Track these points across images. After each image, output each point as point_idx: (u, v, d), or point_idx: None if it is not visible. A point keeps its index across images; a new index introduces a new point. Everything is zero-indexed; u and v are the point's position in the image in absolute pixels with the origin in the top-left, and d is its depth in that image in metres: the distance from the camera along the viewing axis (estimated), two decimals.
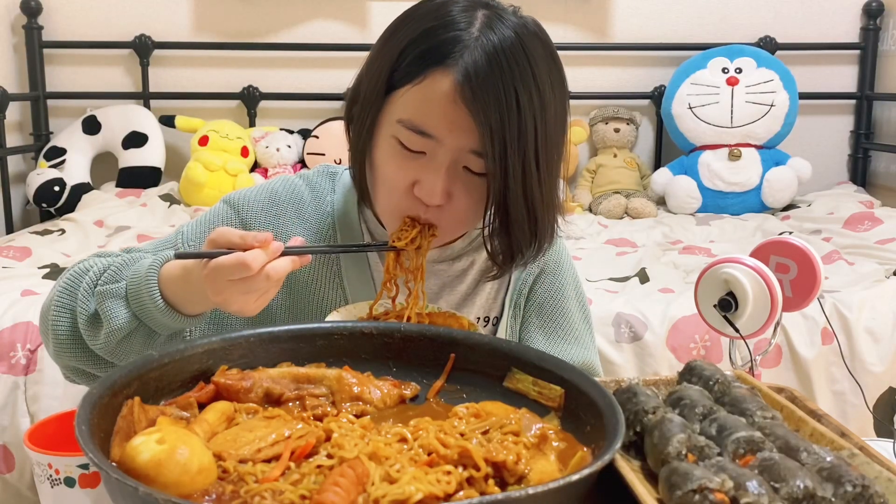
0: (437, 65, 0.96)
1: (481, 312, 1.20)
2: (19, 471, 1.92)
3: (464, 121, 0.96)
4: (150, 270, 0.97)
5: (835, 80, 3.49)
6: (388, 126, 1.01)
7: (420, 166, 1.00)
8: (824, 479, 0.69)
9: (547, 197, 1.02)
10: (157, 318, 0.98)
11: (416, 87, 0.97)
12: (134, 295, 0.98)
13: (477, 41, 0.95)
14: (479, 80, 0.94)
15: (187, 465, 0.65)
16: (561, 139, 1.03)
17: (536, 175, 0.98)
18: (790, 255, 1.11)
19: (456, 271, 1.19)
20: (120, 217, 2.85)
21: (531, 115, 0.96)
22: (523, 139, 0.96)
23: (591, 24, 3.43)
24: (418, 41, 0.98)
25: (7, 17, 3.30)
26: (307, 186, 1.17)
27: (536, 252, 1.07)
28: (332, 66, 3.38)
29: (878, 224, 2.73)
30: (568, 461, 0.73)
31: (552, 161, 1.01)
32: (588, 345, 1.27)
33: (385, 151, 1.02)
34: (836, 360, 2.04)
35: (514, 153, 0.96)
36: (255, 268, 0.87)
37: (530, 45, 0.97)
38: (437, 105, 0.96)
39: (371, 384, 0.85)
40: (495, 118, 0.94)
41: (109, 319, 0.98)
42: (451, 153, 0.99)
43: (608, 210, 3.19)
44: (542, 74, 0.97)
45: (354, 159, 1.08)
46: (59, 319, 1.03)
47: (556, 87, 0.99)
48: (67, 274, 1.05)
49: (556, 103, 0.99)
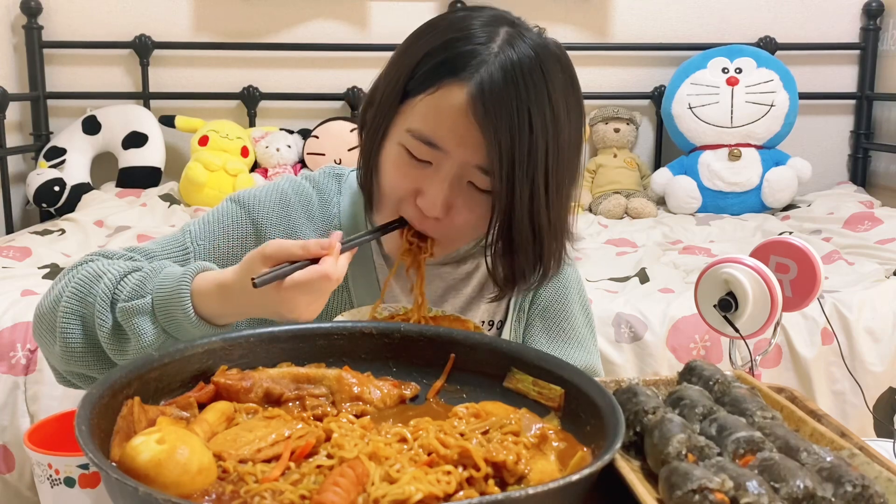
0: (452, 76, 0.95)
1: (486, 316, 1.20)
2: (19, 471, 1.92)
3: (473, 136, 0.95)
4: (181, 285, 0.94)
5: (835, 80, 3.49)
6: (398, 134, 1.00)
7: (424, 176, 0.99)
8: (824, 479, 0.69)
9: (555, 222, 1.01)
10: (187, 331, 0.95)
11: (429, 96, 0.97)
12: (161, 310, 0.95)
13: (496, 57, 0.95)
14: (492, 96, 0.93)
15: (187, 465, 0.65)
16: (574, 165, 1.01)
17: (545, 198, 0.97)
18: (790, 255, 1.11)
19: (461, 274, 1.18)
20: (120, 217, 2.85)
21: (543, 137, 0.95)
22: (533, 160, 0.95)
23: (591, 24, 3.43)
24: (437, 51, 0.97)
25: (7, 17, 3.30)
26: (314, 188, 1.17)
27: (541, 278, 1.06)
28: (332, 66, 3.38)
29: (878, 224, 2.73)
30: (568, 461, 0.73)
31: (563, 186, 1.00)
32: (591, 348, 1.26)
33: (392, 158, 1.02)
34: (836, 360, 2.04)
35: (523, 174, 0.95)
36: (336, 278, 0.87)
37: (549, 67, 0.96)
38: (447, 117, 0.96)
39: (371, 384, 0.85)
40: (505, 136, 0.93)
41: (139, 336, 0.95)
42: (457, 167, 0.98)
43: (608, 210, 3.19)
44: (558, 97, 0.96)
45: (365, 164, 1.07)
46: (69, 326, 0.99)
47: (571, 111, 0.99)
48: (75, 278, 1.01)
49: (570, 128, 0.98)
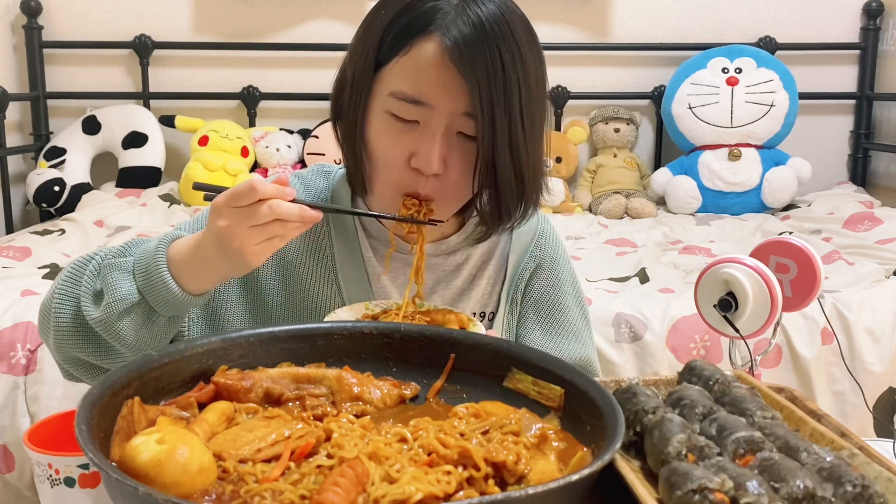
0: (421, 33, 1.00)
1: (477, 308, 1.21)
2: (19, 471, 1.92)
3: (454, 83, 0.99)
4: (159, 245, 0.99)
5: (835, 80, 3.50)
6: (380, 102, 1.03)
7: (415, 137, 1.02)
8: (824, 479, 0.69)
9: (533, 156, 1.05)
10: (160, 293, 0.98)
11: (403, 57, 1.01)
12: (141, 269, 0.99)
13: (458, 7, 0.99)
14: (464, 41, 0.98)
15: (187, 465, 0.65)
16: (543, 105, 1.07)
17: (522, 133, 1.02)
18: (790, 255, 1.11)
19: (451, 266, 1.19)
20: (120, 217, 2.85)
21: (514, 74, 0.99)
22: (509, 97, 0.99)
23: (591, 24, 3.43)
24: (400, 16, 1.02)
25: (7, 17, 3.30)
26: (301, 185, 1.19)
27: (523, 213, 1.11)
28: (332, 66, 3.33)
29: (878, 224, 2.73)
30: (568, 461, 0.73)
31: (536, 121, 1.05)
32: (586, 341, 1.27)
33: (379, 128, 1.04)
34: (836, 360, 2.04)
35: (501, 111, 0.99)
36: (261, 192, 0.89)
37: (508, 15, 1.01)
38: (426, 70, 1.00)
39: (371, 384, 0.85)
40: (483, 77, 0.98)
41: (112, 290, 0.98)
42: (445, 118, 1.01)
43: (608, 210, 3.19)
44: (521, 38, 1.01)
45: (348, 148, 1.10)
46: (61, 307, 1.02)
47: (535, 53, 1.04)
48: (70, 266, 1.05)
49: (536, 67, 1.03)
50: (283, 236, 0.94)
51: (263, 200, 0.90)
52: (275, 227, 0.92)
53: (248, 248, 0.92)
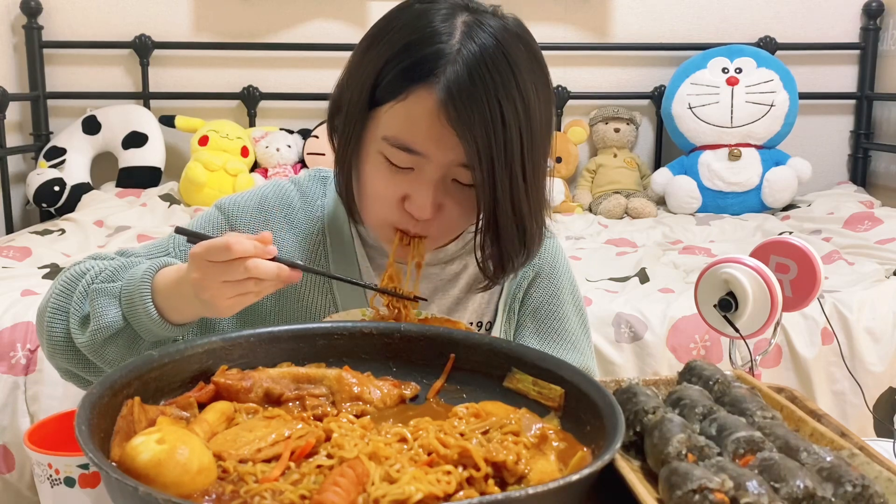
0: (419, 81, 0.94)
1: (474, 317, 1.19)
2: (19, 471, 1.92)
3: (449, 138, 0.95)
4: (145, 274, 0.98)
5: (835, 80, 3.49)
6: (374, 142, 1.00)
7: (409, 181, 0.99)
8: (824, 479, 0.69)
9: (534, 205, 1.01)
10: (143, 323, 0.98)
11: (399, 104, 0.96)
12: (126, 296, 0.99)
13: (458, 54, 0.94)
14: (461, 96, 0.93)
15: (187, 465, 0.65)
16: (547, 143, 1.02)
17: (523, 186, 0.98)
18: (790, 255, 1.11)
19: (448, 275, 1.18)
20: (120, 217, 2.85)
21: (516, 126, 0.94)
22: (510, 152, 0.95)
23: (591, 24, 3.43)
24: (399, 56, 0.96)
25: (7, 17, 3.30)
26: (298, 192, 1.17)
27: (525, 259, 1.07)
28: (332, 66, 3.37)
29: (878, 224, 2.73)
30: (568, 461, 0.73)
31: (538, 168, 1.00)
32: (585, 350, 1.25)
33: (373, 166, 1.01)
34: (836, 360, 2.04)
35: (501, 167, 0.95)
36: (236, 251, 0.86)
37: (512, 51, 0.96)
38: (421, 123, 0.95)
39: (371, 384, 0.85)
40: (480, 133, 0.93)
41: (98, 317, 0.98)
42: (440, 168, 0.98)
43: (608, 210, 3.19)
44: (525, 81, 0.96)
45: (340, 171, 1.07)
46: (53, 321, 1.03)
47: (540, 91, 0.98)
48: (64, 276, 1.05)
49: (541, 109, 0.98)
50: (258, 293, 0.91)
51: (242, 259, 0.87)
52: (248, 285, 0.89)
53: (219, 301, 0.90)
